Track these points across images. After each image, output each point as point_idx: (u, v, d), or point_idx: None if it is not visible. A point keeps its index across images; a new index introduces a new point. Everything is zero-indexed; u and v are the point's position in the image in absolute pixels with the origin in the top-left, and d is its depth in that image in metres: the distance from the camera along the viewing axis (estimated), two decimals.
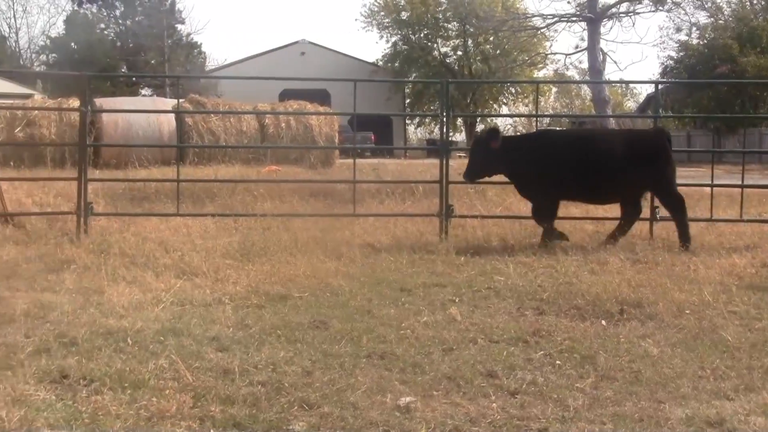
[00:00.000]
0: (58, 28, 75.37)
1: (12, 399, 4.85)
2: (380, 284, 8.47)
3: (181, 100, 21.57)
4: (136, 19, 71.76)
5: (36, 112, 25.48)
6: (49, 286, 8.10)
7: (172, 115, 25.91)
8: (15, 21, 79.29)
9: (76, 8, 74.51)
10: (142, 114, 26.72)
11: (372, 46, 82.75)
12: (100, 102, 27.69)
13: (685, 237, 11.00)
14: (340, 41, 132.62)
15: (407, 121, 61.88)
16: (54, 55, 71.97)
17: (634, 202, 11.45)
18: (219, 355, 5.86)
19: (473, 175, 11.68)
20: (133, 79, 65.33)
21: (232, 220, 12.02)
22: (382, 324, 6.83)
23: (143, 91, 64.41)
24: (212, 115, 27.66)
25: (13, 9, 79.55)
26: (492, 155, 11.30)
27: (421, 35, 62.50)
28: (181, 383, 5.18)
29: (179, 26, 72.35)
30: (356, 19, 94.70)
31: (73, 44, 67.23)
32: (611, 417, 4.81)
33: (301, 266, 9.02)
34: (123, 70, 67.38)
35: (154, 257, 9.49)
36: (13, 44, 78.16)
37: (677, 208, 11.22)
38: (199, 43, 74.30)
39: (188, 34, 72.82)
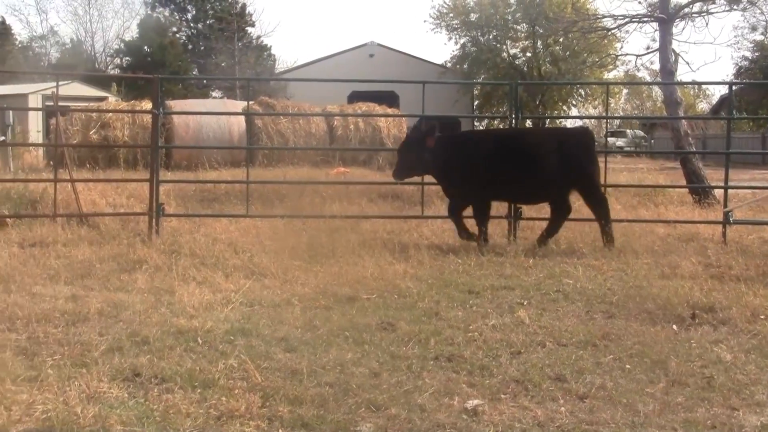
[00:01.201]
0: (132, 32, 76.53)
1: (87, 396, 4.94)
2: (448, 286, 8.46)
3: (250, 102, 21.75)
4: (207, 22, 72.66)
5: (110, 114, 25.89)
6: (122, 286, 8.24)
7: (242, 117, 26.09)
8: (91, 25, 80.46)
9: (149, 12, 75.69)
10: (213, 116, 26.97)
11: (440, 48, 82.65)
12: (172, 104, 28.03)
13: (608, 237, 11.05)
14: (409, 43, 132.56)
15: (476, 123, 61.54)
16: (128, 58, 73.07)
17: (562, 202, 11.36)
18: (287, 356, 5.90)
19: (403, 174, 11.70)
20: (204, 81, 66.02)
21: (301, 222, 12.09)
22: (449, 326, 6.82)
23: (214, 94, 65.08)
24: (281, 117, 27.80)
25: (89, 14, 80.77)
26: (425, 154, 11.29)
27: (490, 37, 62.07)
28: (250, 383, 5.23)
29: (249, 29, 73.03)
30: (425, 21, 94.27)
31: (146, 47, 68.22)
32: (682, 423, 4.75)
33: (369, 268, 9.05)
34: (194, 73, 68.21)
35: (223, 258, 9.59)
36: (89, 48, 79.61)
37: (600, 208, 11.24)
38: (268, 45, 74.76)
39: (258, 37, 73.47)
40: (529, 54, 62.41)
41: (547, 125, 51.99)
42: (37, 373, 5.33)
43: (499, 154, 11.28)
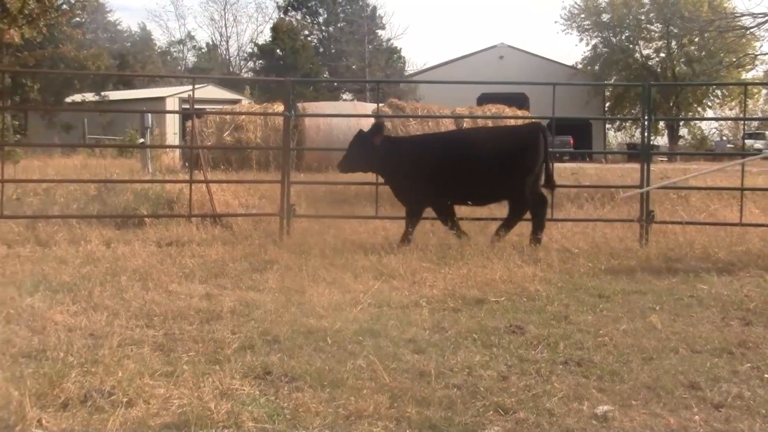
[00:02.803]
0: (265, 36, 78.12)
1: (220, 392, 5.06)
2: (578, 290, 8.35)
3: (380, 105, 21.87)
4: (338, 25, 73.53)
5: (243, 116, 26.45)
6: (254, 285, 8.40)
7: (371, 119, 26.32)
8: (226, 30, 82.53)
9: (281, 16, 77.03)
10: (343, 118, 27.23)
11: (572, 49, 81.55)
12: (303, 106, 28.45)
13: (536, 238, 11.02)
14: (539, 44, 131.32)
15: (607, 125, 60.55)
16: (261, 61, 74.58)
17: (517, 199, 11.26)
18: (415, 357, 5.92)
19: (346, 167, 11.75)
20: (335, 83, 66.81)
21: (429, 223, 12.11)
22: (579, 330, 6.74)
23: (344, 96, 65.84)
24: (411, 119, 27.89)
25: (225, 18, 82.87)
26: (371, 151, 11.35)
27: (622, 37, 61.09)
28: (378, 384, 5.26)
29: (380, 32, 73.59)
30: (556, 22, 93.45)
31: (278, 51, 69.47)
32: None
33: (497, 270, 9.00)
34: (325, 76, 69.09)
35: (353, 259, 9.67)
36: (224, 52, 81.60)
37: (536, 206, 11.26)
38: (398, 48, 75.28)
39: (388, 39, 73.98)
40: (662, 54, 61.13)
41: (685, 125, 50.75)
42: (173, 369, 5.48)
43: (437, 155, 11.35)
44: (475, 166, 11.14)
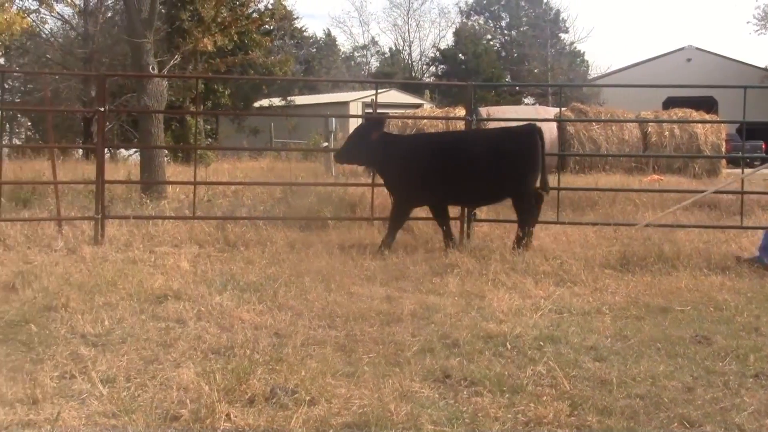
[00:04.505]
0: (447, 41, 78.59)
1: (399, 394, 5.11)
2: None
3: (563, 109, 21.60)
4: (521, 29, 73.18)
5: (424, 121, 26.61)
6: (434, 289, 8.44)
7: (553, 124, 26.05)
8: (409, 35, 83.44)
9: (464, 20, 77.30)
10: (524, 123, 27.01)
11: (765, 51, 77.94)
12: (488, 111, 28.42)
13: (519, 240, 10.65)
14: (730, 46, 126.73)
15: None
16: (443, 66, 75.05)
17: (518, 201, 11.13)
18: (596, 365, 5.82)
19: (342, 158, 11.79)
20: (517, 88, 66.55)
21: (612, 230, 11.87)
22: None
23: (526, 100, 65.45)
24: (594, 123, 27.44)
25: (408, 24, 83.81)
26: (368, 146, 11.16)
27: None
28: (558, 391, 5.20)
29: (563, 35, 72.87)
30: (748, 22, 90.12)
31: (460, 55, 69.72)
32: None
33: (683, 279, 8.74)
34: (507, 80, 68.90)
35: (533, 264, 9.58)
36: (406, 57, 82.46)
37: (523, 210, 11.04)
38: (582, 51, 74.33)
39: (572, 43, 73.21)
40: None
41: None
42: (354, 369, 5.57)
43: (432, 155, 11.19)
44: (470, 167, 10.99)
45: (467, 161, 11.06)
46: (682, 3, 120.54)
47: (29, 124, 46.29)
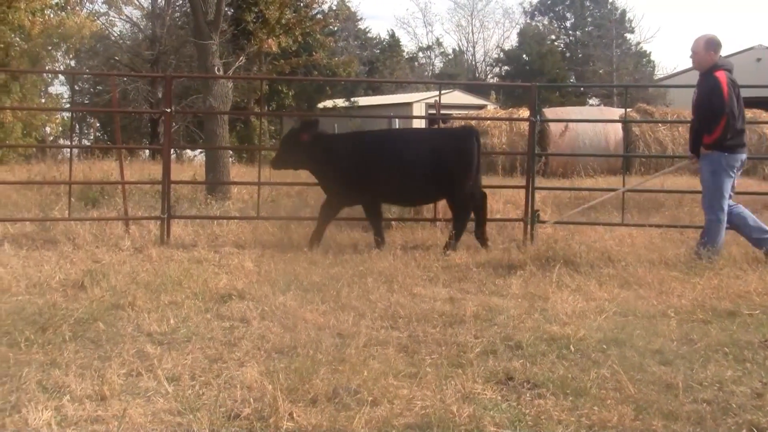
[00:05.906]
0: (511, 41, 78.38)
1: (462, 396, 5.10)
2: None
3: (628, 110, 21.38)
4: (586, 29, 72.59)
5: (488, 122, 26.51)
6: (497, 290, 8.41)
7: (618, 125, 25.81)
8: (473, 35, 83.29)
9: (528, 21, 76.94)
10: (589, 123, 26.79)
11: None
12: (549, 112, 28.25)
13: (452, 243, 10.65)
14: None
15: None
16: (506, 67, 74.77)
17: (453, 202, 11.26)
18: (662, 369, 5.74)
19: (277, 164, 11.51)
20: (581, 89, 66.02)
21: (679, 232, 11.72)
22: None
23: (591, 101, 64.89)
24: (660, 124, 27.09)
25: (472, 24, 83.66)
26: (300, 148, 11.09)
27: None
28: (622, 394, 5.15)
29: (628, 35, 72.11)
30: None
31: (524, 56, 69.39)
32: None
33: (752, 282, 8.57)
34: (571, 80, 68.42)
35: (597, 266, 9.50)
36: (470, 58, 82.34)
37: (458, 212, 11.14)
38: (648, 51, 73.62)
39: (638, 43, 72.44)
40: None
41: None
42: (417, 370, 5.57)
43: (365, 153, 11.16)
44: (406, 166, 10.97)
45: (400, 160, 11.09)
46: (751, 1, 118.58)
47: (98, 125, 47.16)
